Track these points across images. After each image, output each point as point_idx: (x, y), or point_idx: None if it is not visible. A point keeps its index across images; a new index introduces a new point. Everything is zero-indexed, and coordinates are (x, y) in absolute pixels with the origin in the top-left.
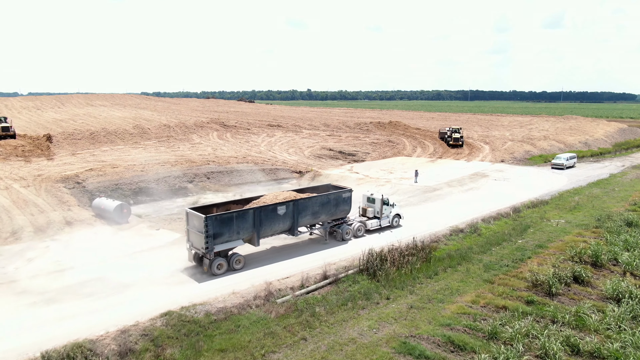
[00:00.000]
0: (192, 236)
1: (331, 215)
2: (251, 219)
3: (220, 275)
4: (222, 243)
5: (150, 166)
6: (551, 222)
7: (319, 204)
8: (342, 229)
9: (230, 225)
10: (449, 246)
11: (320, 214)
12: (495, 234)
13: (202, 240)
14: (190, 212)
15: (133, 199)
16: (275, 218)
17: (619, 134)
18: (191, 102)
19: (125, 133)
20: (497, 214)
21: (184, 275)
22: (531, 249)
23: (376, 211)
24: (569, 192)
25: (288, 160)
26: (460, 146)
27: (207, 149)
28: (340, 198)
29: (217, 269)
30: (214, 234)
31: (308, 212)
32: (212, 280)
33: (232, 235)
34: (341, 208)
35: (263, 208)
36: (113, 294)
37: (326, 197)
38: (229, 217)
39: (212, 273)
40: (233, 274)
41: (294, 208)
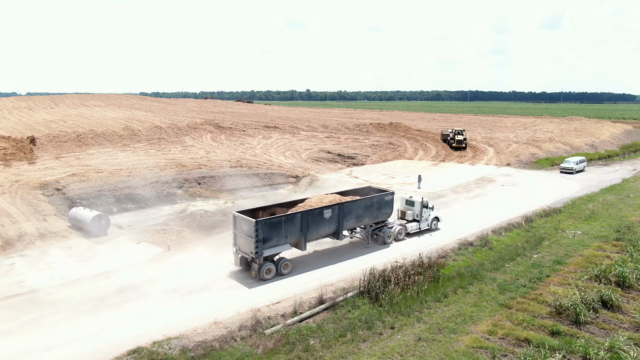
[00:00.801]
0: (240, 240)
1: (374, 218)
2: (299, 222)
3: (269, 281)
4: (270, 247)
5: (137, 170)
6: (567, 234)
7: (363, 207)
8: (384, 232)
9: (279, 229)
10: (458, 262)
11: (364, 217)
12: (508, 247)
13: (251, 244)
14: (239, 216)
15: (117, 207)
16: (322, 222)
17: (625, 136)
18: (188, 102)
19: (115, 135)
20: (508, 224)
21: (162, 307)
22: (549, 266)
23: (415, 214)
24: (581, 199)
25: (284, 164)
26: (463, 149)
27: (199, 152)
28: (382, 201)
29: (266, 273)
30: (264, 239)
31: (352, 215)
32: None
33: (280, 239)
34: (383, 211)
35: (310, 212)
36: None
37: (369, 200)
38: (278, 221)
39: (260, 278)
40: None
41: (339, 211)
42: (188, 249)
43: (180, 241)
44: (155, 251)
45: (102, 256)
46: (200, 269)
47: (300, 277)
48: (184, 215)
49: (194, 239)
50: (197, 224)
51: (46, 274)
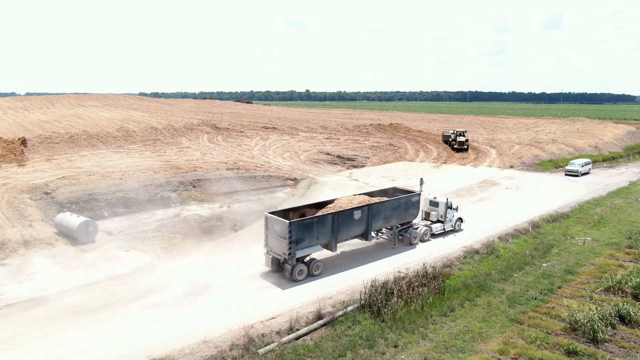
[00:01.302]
0: (272, 242)
1: (401, 219)
2: (330, 223)
3: (300, 282)
4: (303, 248)
5: (130, 173)
6: (576, 240)
7: (391, 208)
8: (410, 233)
9: (311, 230)
10: (464, 272)
11: (392, 218)
12: (515, 255)
13: (284, 245)
14: (272, 217)
15: (108, 211)
16: (352, 222)
17: (629, 137)
18: (186, 102)
19: (109, 136)
20: (515, 230)
21: (147, 324)
22: (559, 276)
23: (440, 215)
24: (589, 203)
25: (282, 166)
26: (465, 150)
27: (195, 154)
28: (409, 202)
29: (299, 274)
30: (297, 240)
31: (381, 216)
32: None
33: (312, 240)
34: (410, 212)
35: (341, 213)
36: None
37: (397, 201)
38: (311, 222)
39: (293, 279)
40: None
41: (368, 212)
42: (179, 257)
43: (172, 249)
44: (145, 260)
45: (87, 265)
46: (191, 280)
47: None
48: (177, 220)
49: (186, 246)
50: (191, 229)
51: (26, 286)
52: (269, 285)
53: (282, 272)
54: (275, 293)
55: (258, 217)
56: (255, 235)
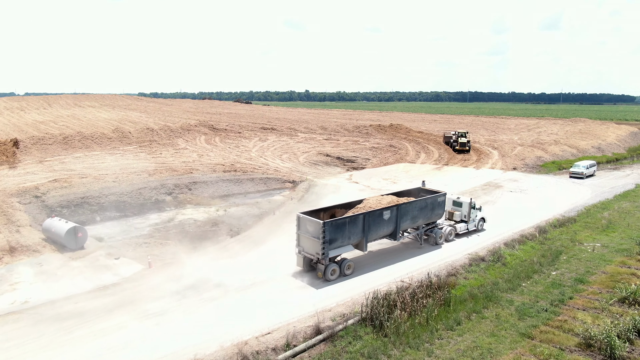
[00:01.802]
0: (305, 242)
1: (427, 219)
2: (361, 223)
3: (333, 282)
4: (335, 248)
5: (124, 176)
6: (585, 247)
7: (418, 208)
8: (435, 233)
9: (343, 230)
10: (470, 281)
11: (419, 218)
12: (523, 262)
13: (317, 245)
14: (305, 218)
15: (100, 215)
16: (381, 222)
17: (631, 138)
18: (184, 103)
19: (103, 137)
20: (521, 235)
21: (135, 341)
22: (570, 285)
23: (463, 215)
24: (596, 206)
25: (281, 168)
26: (467, 151)
27: (192, 155)
28: (435, 202)
29: (331, 274)
30: (330, 240)
31: (408, 216)
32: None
33: (344, 240)
34: (436, 212)
35: (371, 213)
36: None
37: (424, 202)
38: (343, 222)
39: (326, 279)
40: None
41: (397, 212)
42: (171, 266)
43: (164, 256)
44: (135, 268)
45: (74, 275)
46: (182, 292)
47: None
48: (171, 224)
49: (179, 253)
50: (185, 235)
51: (8, 297)
52: (268, 300)
53: (312, 274)
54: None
55: (255, 222)
56: (252, 241)
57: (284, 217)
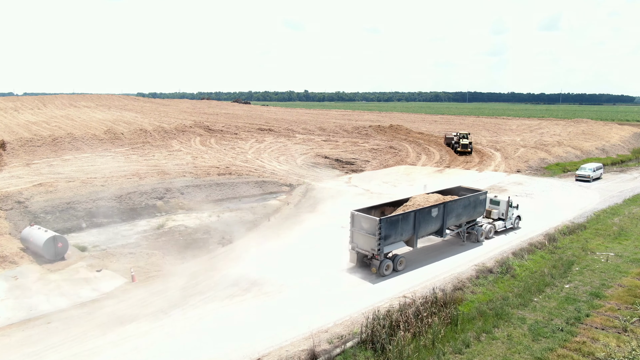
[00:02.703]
0: (359, 238)
1: (470, 216)
2: (412, 220)
3: (388, 277)
4: (389, 244)
5: (114, 179)
6: (598, 256)
7: (462, 206)
8: (477, 231)
9: (397, 227)
10: (478, 295)
11: (462, 216)
12: (533, 274)
13: (372, 242)
14: (360, 215)
15: (86, 222)
16: (430, 220)
17: (635, 139)
18: (182, 103)
19: (94, 139)
20: (530, 244)
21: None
22: (585, 300)
23: (501, 213)
24: (605, 212)
25: (277, 171)
26: (469, 153)
27: (185, 158)
28: (478, 200)
29: (385, 270)
30: (385, 236)
31: (454, 213)
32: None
33: (397, 236)
34: (478, 210)
35: (421, 210)
36: None
37: (468, 200)
38: (396, 219)
39: (380, 274)
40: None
41: (444, 210)
42: (155, 280)
43: (149, 269)
44: (117, 282)
45: (50, 289)
46: (165, 310)
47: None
48: (160, 232)
49: (166, 265)
50: (174, 243)
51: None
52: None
53: (363, 270)
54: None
55: (249, 229)
56: (244, 250)
57: (280, 224)
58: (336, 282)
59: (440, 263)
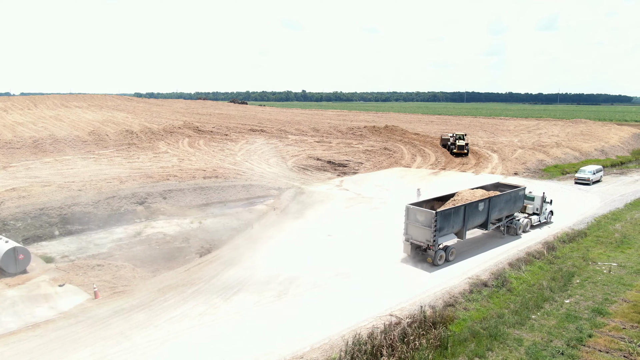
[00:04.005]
0: (414, 230)
1: (509, 211)
2: (462, 214)
3: (441, 267)
4: (443, 236)
5: (93, 183)
6: (600, 267)
7: (504, 201)
8: (516, 224)
9: (449, 219)
10: (471, 312)
11: (504, 210)
12: (531, 287)
13: (427, 233)
14: (415, 208)
15: (60, 229)
16: (477, 213)
17: (635, 140)
18: (175, 103)
19: (78, 140)
20: (527, 253)
21: None
22: (587, 318)
23: (535, 208)
24: (606, 217)
25: (267, 174)
26: (465, 155)
27: (172, 160)
28: (517, 196)
29: (439, 260)
30: (439, 228)
31: (497, 208)
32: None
33: (449, 229)
34: (517, 205)
35: (470, 204)
36: None
37: (509, 195)
38: (449, 213)
39: (434, 264)
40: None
41: (489, 204)
42: (121, 296)
43: (116, 283)
44: (78, 299)
45: (4, 308)
46: (127, 333)
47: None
48: (137, 240)
49: (135, 278)
50: (150, 253)
51: None
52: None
53: (416, 260)
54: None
55: (231, 237)
56: (224, 262)
57: (264, 231)
58: (313, 301)
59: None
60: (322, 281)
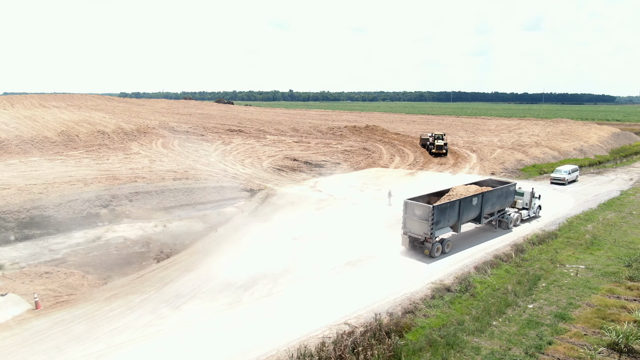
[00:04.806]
0: (412, 224)
1: (501, 205)
2: (457, 208)
3: (437, 259)
4: (439, 229)
5: (56, 186)
6: (567, 269)
7: (496, 196)
8: (507, 219)
9: (445, 213)
10: (431, 319)
11: (496, 205)
12: (495, 292)
13: (425, 227)
14: (413, 203)
15: (17, 234)
16: (471, 208)
17: (614, 139)
18: (157, 103)
19: (46, 141)
20: (495, 256)
21: None
22: (549, 324)
23: (525, 203)
24: (579, 218)
25: (240, 175)
26: (444, 155)
27: (143, 161)
28: (509, 191)
29: (436, 252)
30: (436, 221)
31: (489, 203)
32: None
33: (445, 222)
34: (508, 200)
35: (465, 199)
36: None
37: (501, 190)
38: (445, 207)
39: (431, 256)
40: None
41: (482, 199)
42: (64, 307)
43: (61, 292)
44: (17, 310)
45: None
46: (65, 349)
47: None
48: (95, 245)
49: (84, 286)
50: (106, 259)
51: None
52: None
53: (413, 253)
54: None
55: (194, 241)
56: (181, 268)
57: (228, 235)
58: (274, 307)
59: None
60: (279, 287)
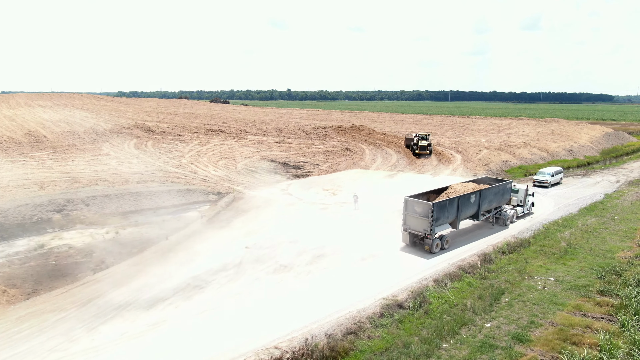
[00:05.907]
0: (412, 220)
1: (498, 203)
2: (456, 205)
3: (437, 254)
4: (439, 226)
5: (8, 189)
6: (535, 282)
7: (493, 194)
8: (504, 215)
9: (444, 210)
10: (374, 341)
11: (493, 202)
12: (451, 309)
13: (424, 223)
14: (413, 200)
15: None
16: (469, 205)
17: (605, 139)
18: (146, 102)
19: (11, 142)
20: (459, 267)
21: None
22: (504, 347)
23: (519, 200)
24: (556, 224)
25: (211, 177)
26: (428, 155)
27: (110, 163)
28: (505, 189)
29: (435, 248)
30: (436, 218)
31: (487, 200)
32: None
33: (444, 219)
34: (505, 197)
35: (463, 196)
36: None
37: (498, 188)
38: (444, 204)
39: (431, 251)
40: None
41: (479, 196)
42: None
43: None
44: None
45: None
46: None
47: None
48: (35, 254)
49: (1, 302)
50: (40, 270)
51: None
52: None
53: (414, 249)
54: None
55: (141, 249)
56: (114, 281)
57: (178, 243)
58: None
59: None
60: (212, 305)
